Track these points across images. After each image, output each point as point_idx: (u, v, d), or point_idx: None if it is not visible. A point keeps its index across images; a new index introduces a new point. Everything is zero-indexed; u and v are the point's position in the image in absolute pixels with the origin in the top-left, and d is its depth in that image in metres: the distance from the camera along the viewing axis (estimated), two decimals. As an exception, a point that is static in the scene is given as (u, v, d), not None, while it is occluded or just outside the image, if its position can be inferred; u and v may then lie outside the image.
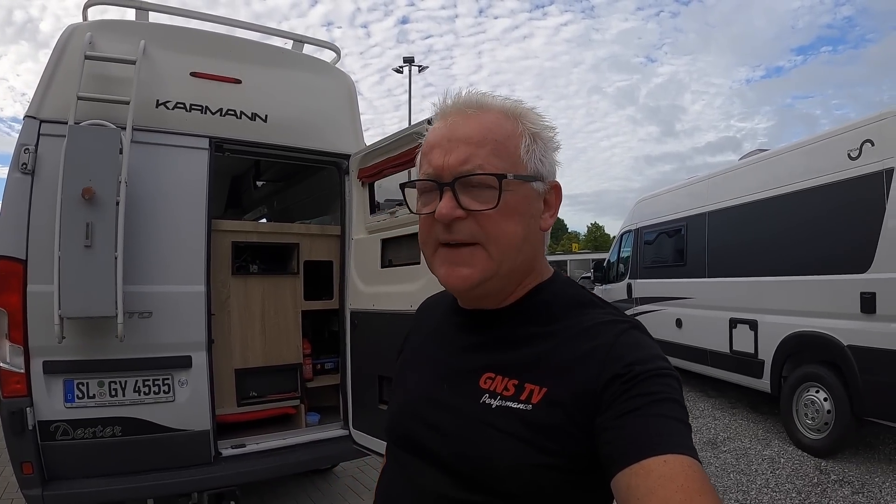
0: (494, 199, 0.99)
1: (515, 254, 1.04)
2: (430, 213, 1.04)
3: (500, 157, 1.01)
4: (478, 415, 1.00)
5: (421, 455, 1.07)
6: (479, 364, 1.07)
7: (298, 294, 4.47)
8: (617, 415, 0.87)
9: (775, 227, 6.48)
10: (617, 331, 0.99)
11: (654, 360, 0.94)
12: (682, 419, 0.89)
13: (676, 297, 8.51)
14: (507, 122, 1.05)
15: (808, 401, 5.96)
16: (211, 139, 3.76)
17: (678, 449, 0.82)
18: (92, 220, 3.16)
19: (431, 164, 1.04)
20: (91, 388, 3.37)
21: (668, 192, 9.65)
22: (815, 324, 5.83)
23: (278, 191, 6.65)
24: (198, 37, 3.87)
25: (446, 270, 1.05)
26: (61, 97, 3.31)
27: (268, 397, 4.26)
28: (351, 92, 4.45)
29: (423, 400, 1.12)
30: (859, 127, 5.51)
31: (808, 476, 5.33)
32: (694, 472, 0.79)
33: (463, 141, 1.02)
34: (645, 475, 0.79)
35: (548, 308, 1.09)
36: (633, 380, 0.90)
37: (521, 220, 1.04)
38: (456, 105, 1.07)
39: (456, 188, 1.01)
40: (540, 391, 0.96)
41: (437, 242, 1.05)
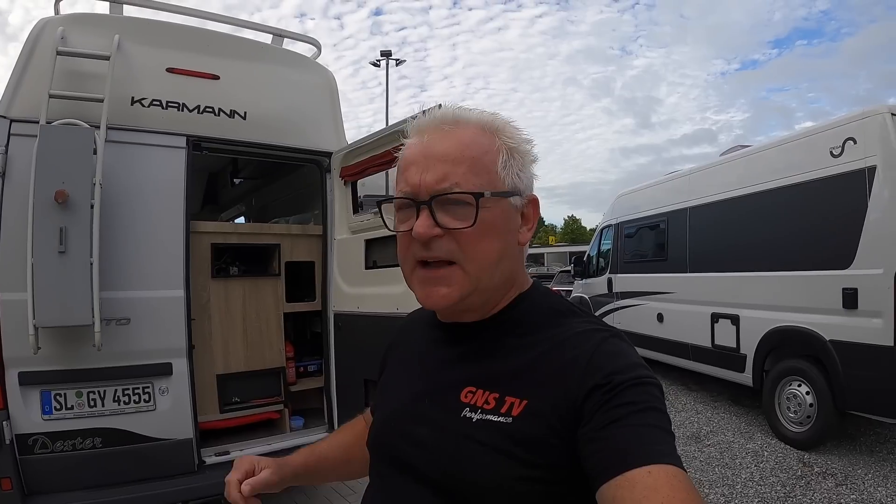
0: (471, 217, 0.99)
1: (493, 270, 1.04)
2: (408, 231, 1.03)
3: (477, 175, 1.01)
4: (459, 429, 0.99)
5: (404, 471, 1.06)
6: (459, 378, 1.06)
7: (280, 296, 4.37)
8: (599, 426, 0.87)
9: (758, 222, 6.50)
10: (596, 340, 0.98)
11: (634, 369, 0.93)
12: (665, 427, 0.88)
13: (658, 291, 8.51)
14: (484, 138, 1.04)
15: (790, 394, 5.98)
16: (188, 137, 3.64)
17: (662, 459, 0.81)
18: (66, 224, 3.03)
19: (408, 182, 1.03)
20: (69, 398, 3.25)
21: (650, 186, 9.64)
22: (797, 319, 5.85)
23: (257, 188, 6.53)
24: (174, 31, 3.74)
25: (424, 291, 1.05)
26: (32, 95, 3.17)
27: (251, 402, 4.16)
28: (332, 88, 4.34)
29: (406, 415, 1.12)
30: (842, 125, 5.53)
31: (792, 469, 5.37)
32: (679, 482, 0.79)
33: (439, 159, 1.01)
34: (630, 487, 0.78)
35: (527, 319, 1.09)
36: (613, 390, 0.89)
37: (498, 236, 1.04)
38: (432, 121, 1.06)
39: (433, 206, 1.00)
40: (520, 403, 0.96)
41: (415, 260, 1.05)
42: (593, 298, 10.77)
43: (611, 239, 10.39)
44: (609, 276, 10.22)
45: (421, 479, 1.02)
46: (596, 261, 11.09)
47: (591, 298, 10.93)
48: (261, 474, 1.22)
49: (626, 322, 9.24)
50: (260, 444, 3.92)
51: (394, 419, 1.15)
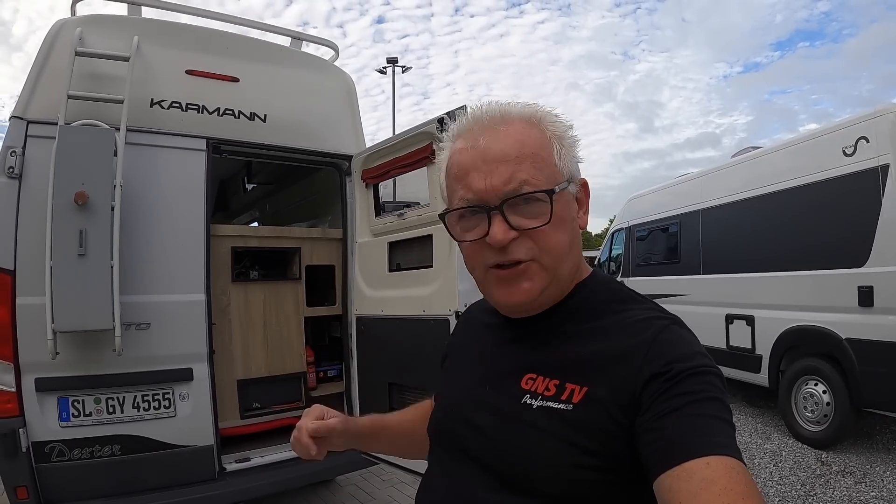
0: (546, 213, 0.98)
1: (567, 260, 1.04)
2: (477, 240, 1.02)
3: (540, 170, 1.00)
4: (519, 415, 0.99)
5: (463, 456, 1.06)
6: (520, 365, 1.06)
7: (301, 300, 4.31)
8: (658, 415, 0.85)
9: (771, 223, 6.49)
10: (657, 327, 0.97)
11: (694, 358, 0.91)
12: (725, 418, 0.86)
13: (671, 294, 8.45)
14: (534, 131, 1.03)
15: (806, 394, 5.99)
16: (208, 140, 3.59)
17: (721, 450, 0.79)
18: (85, 226, 2.98)
19: (472, 189, 1.00)
20: (87, 405, 3.18)
21: (661, 189, 9.65)
22: (812, 318, 5.86)
23: (270, 194, 6.47)
24: (193, 33, 3.69)
25: (506, 289, 1.03)
26: (50, 96, 3.11)
27: (271, 408, 4.09)
28: (351, 91, 4.29)
29: (467, 401, 1.12)
30: (854, 124, 5.55)
31: (811, 468, 5.36)
32: (738, 475, 0.77)
33: (500, 160, 0.99)
34: (687, 478, 0.77)
35: (587, 306, 1.07)
36: (673, 378, 0.88)
37: (567, 226, 1.04)
38: (478, 121, 1.04)
39: (504, 209, 0.98)
40: (581, 390, 0.95)
41: (487, 265, 1.03)
42: None
43: (622, 243, 10.38)
44: (620, 279, 10.15)
45: (480, 464, 1.02)
46: (607, 265, 11.06)
47: None
48: (329, 420, 1.25)
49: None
50: (281, 451, 3.83)
51: (454, 406, 1.15)
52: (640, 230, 9.77)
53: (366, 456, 3.77)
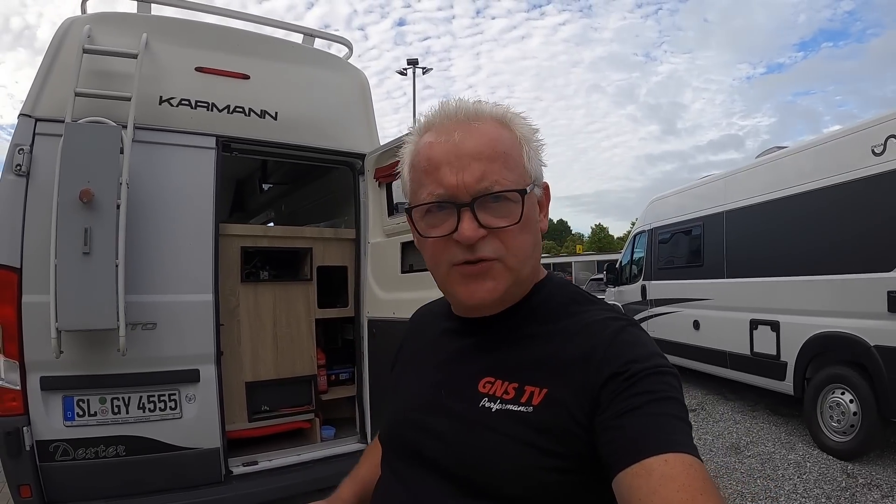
0: (516, 214, 0.99)
1: (529, 261, 1.05)
2: (442, 237, 1.01)
3: (511, 170, 1.01)
4: (478, 419, 0.99)
5: (420, 464, 1.05)
6: (477, 368, 1.06)
7: (312, 302, 4.24)
8: (616, 414, 0.87)
9: (797, 225, 6.33)
10: (614, 328, 0.98)
11: (652, 358, 0.93)
12: (683, 417, 0.88)
13: (694, 298, 8.35)
14: (505, 131, 1.04)
15: (832, 403, 5.82)
16: (218, 138, 3.54)
17: (679, 448, 0.81)
18: (90, 224, 2.93)
19: (443, 184, 1.00)
20: (92, 405, 3.15)
21: (684, 191, 9.52)
22: (839, 324, 5.69)
23: (285, 194, 6.44)
24: (203, 30, 3.65)
25: (469, 287, 1.02)
26: (58, 94, 3.09)
27: (280, 411, 4.03)
28: (364, 88, 4.23)
29: (421, 407, 1.11)
30: (883, 122, 5.38)
31: (836, 480, 5.20)
32: (695, 471, 0.79)
33: (473, 156, 0.99)
34: (646, 475, 0.79)
35: (544, 308, 1.09)
36: (630, 378, 0.89)
37: (531, 228, 1.05)
38: (451, 116, 1.04)
39: (475, 207, 0.98)
40: (540, 392, 0.96)
41: (452, 263, 1.02)
42: (626, 306, 10.62)
43: (644, 245, 10.26)
44: (643, 283, 10.07)
45: (438, 470, 1.01)
46: (629, 268, 10.97)
47: (624, 306, 10.77)
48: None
49: (660, 330, 9.08)
50: (289, 455, 3.80)
51: (409, 412, 1.14)
52: (663, 233, 9.65)
53: None
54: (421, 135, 1.07)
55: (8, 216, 3.02)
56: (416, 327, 1.38)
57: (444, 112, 1.05)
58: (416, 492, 1.04)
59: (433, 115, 1.06)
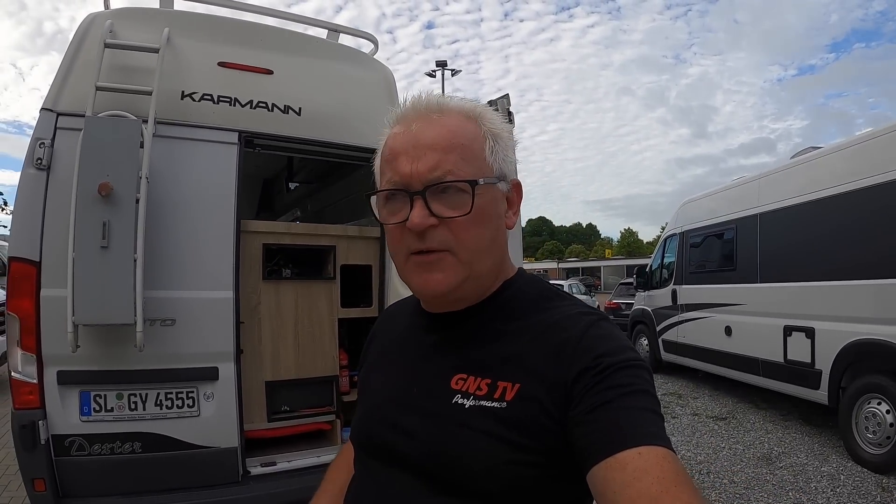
0: (467, 205, 1.00)
1: (485, 256, 1.05)
2: (399, 223, 1.03)
3: (468, 162, 1.02)
4: (451, 416, 1.00)
5: (392, 461, 1.06)
6: (449, 365, 1.07)
7: (335, 301, 4.18)
8: (589, 408, 0.88)
9: (833, 228, 6.15)
10: (585, 323, 1.00)
11: (623, 352, 0.94)
12: (655, 410, 0.89)
13: (726, 303, 8.18)
14: (469, 124, 1.06)
15: (868, 413, 5.65)
16: (240, 133, 3.51)
17: (652, 440, 0.82)
18: (109, 218, 2.92)
19: (398, 172, 1.03)
20: (109, 400, 3.13)
21: (716, 193, 9.35)
22: (877, 331, 5.51)
23: (312, 192, 6.41)
24: (226, 25, 3.63)
25: (421, 277, 1.04)
26: (80, 88, 3.09)
27: (301, 412, 3.97)
28: (390, 84, 4.17)
29: (393, 404, 1.11)
30: None
31: (871, 494, 5.05)
32: (669, 463, 0.80)
33: (430, 147, 1.01)
34: (620, 468, 0.80)
35: (514, 304, 1.10)
36: (602, 372, 0.90)
37: (489, 222, 1.05)
38: (417, 109, 1.07)
39: (427, 196, 1.00)
40: (513, 388, 0.97)
41: (409, 251, 1.04)
42: (656, 311, 10.45)
43: (675, 249, 10.08)
44: (673, 287, 9.88)
45: (411, 468, 1.02)
46: (659, 272, 10.77)
47: (653, 311, 10.61)
48: None
49: (691, 336, 8.93)
50: (309, 456, 3.74)
51: (380, 410, 1.15)
52: (694, 236, 9.48)
53: None
54: (391, 126, 1.09)
55: (28, 210, 3.03)
56: (386, 324, 1.39)
57: (412, 104, 1.08)
58: (389, 490, 1.05)
59: (402, 107, 1.09)
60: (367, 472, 1.13)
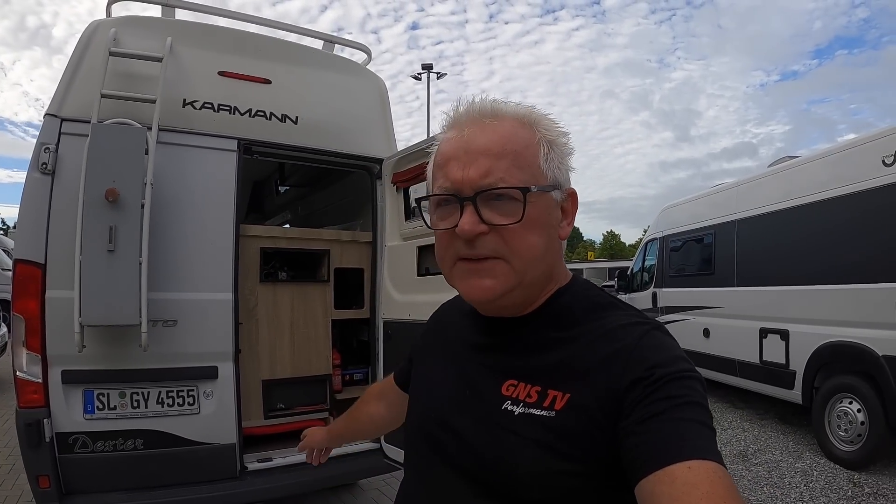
0: (518, 212, 0.97)
1: (537, 265, 1.03)
2: (449, 229, 1.01)
3: (521, 169, 0.99)
4: (500, 422, 0.99)
5: (442, 463, 1.06)
6: (500, 371, 1.05)
7: (329, 303, 4.31)
8: (640, 419, 0.86)
9: (807, 235, 6.33)
10: (639, 333, 0.97)
11: (676, 363, 0.92)
12: (707, 423, 0.86)
13: (704, 306, 8.35)
14: (524, 131, 1.03)
15: (841, 412, 5.82)
16: (239, 141, 3.61)
17: (703, 454, 0.80)
18: (115, 223, 3.02)
19: (449, 178, 1.01)
20: (112, 399, 3.22)
21: (696, 199, 9.51)
22: (849, 333, 5.68)
23: (302, 196, 6.51)
24: (226, 35, 3.74)
25: (468, 283, 1.02)
26: (84, 95, 3.17)
27: (296, 409, 4.10)
28: (383, 94, 4.31)
29: (445, 407, 1.11)
30: (893, 133, 5.39)
31: (843, 489, 5.21)
32: (719, 479, 0.77)
33: (482, 152, 0.99)
34: (669, 482, 0.78)
35: (568, 312, 1.07)
36: (655, 383, 0.88)
37: (542, 231, 1.02)
38: (470, 114, 1.04)
39: (477, 202, 0.98)
40: (563, 397, 0.95)
41: (456, 257, 1.02)
42: None
43: (655, 253, 10.25)
44: (654, 290, 10.06)
45: (459, 469, 1.02)
46: (640, 275, 10.96)
47: None
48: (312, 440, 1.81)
49: (670, 337, 9.08)
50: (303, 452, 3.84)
51: (433, 409, 1.14)
52: (675, 240, 9.64)
53: (387, 461, 3.76)
54: (445, 131, 1.08)
55: (33, 213, 3.10)
56: (440, 323, 1.37)
57: (465, 109, 1.06)
58: (436, 490, 1.06)
59: (455, 112, 1.07)
60: (417, 470, 1.15)
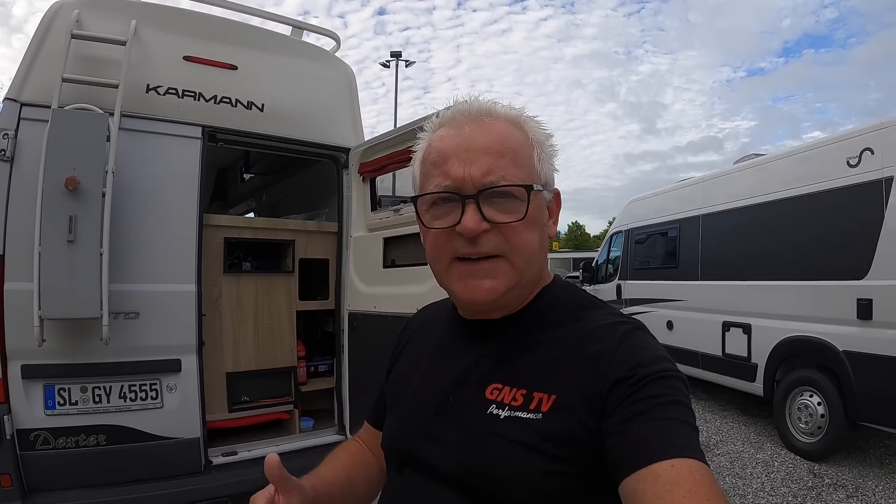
0: (521, 210, 0.98)
1: (534, 262, 1.04)
2: (447, 228, 1.01)
3: (519, 168, 1.01)
4: (486, 426, 0.98)
5: (426, 471, 1.04)
6: (484, 375, 1.05)
7: (293, 294, 4.25)
8: (623, 419, 0.87)
9: (771, 231, 6.47)
10: (621, 333, 0.98)
11: (658, 362, 0.93)
12: (689, 421, 0.88)
13: (668, 298, 8.49)
14: (517, 131, 1.04)
15: (801, 405, 5.97)
16: (204, 128, 3.52)
17: (685, 452, 0.81)
18: (76, 212, 2.91)
19: (449, 176, 1.00)
20: (73, 393, 3.12)
21: (661, 193, 9.64)
22: (810, 329, 5.84)
23: (267, 185, 6.41)
24: (192, 19, 3.63)
25: (467, 284, 1.01)
26: (45, 79, 3.05)
27: (260, 402, 4.03)
28: (351, 83, 4.23)
29: (427, 413, 1.09)
30: (859, 135, 5.53)
31: (803, 479, 5.35)
32: (702, 476, 0.78)
33: (483, 150, 0.99)
34: (652, 480, 0.78)
35: (550, 313, 1.08)
36: (638, 383, 0.89)
37: (537, 229, 1.04)
38: (467, 112, 1.04)
39: (480, 200, 0.98)
40: (549, 399, 0.95)
41: (453, 256, 1.01)
42: None
43: (621, 245, 10.37)
44: (618, 282, 10.20)
45: (444, 477, 1.00)
46: (605, 267, 11.09)
47: None
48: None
49: (634, 329, 9.20)
50: (268, 445, 3.79)
51: (414, 418, 1.12)
52: (640, 234, 9.77)
53: None
54: (435, 131, 1.07)
55: None
56: (421, 327, 1.36)
57: (458, 108, 1.05)
58: (418, 497, 1.04)
59: (448, 111, 1.07)
60: (402, 481, 1.11)
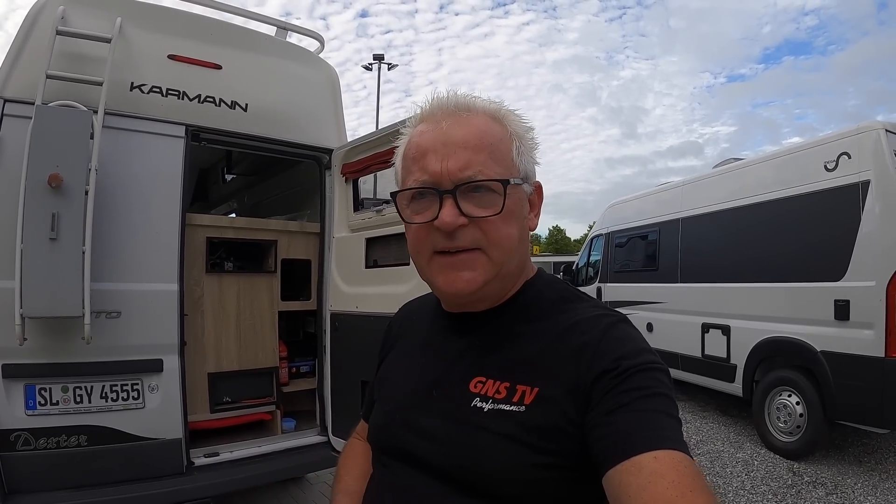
0: (498, 204, 0.99)
1: (513, 255, 1.05)
2: (426, 223, 1.02)
3: (497, 162, 1.01)
4: (470, 419, 0.98)
5: (411, 464, 1.04)
6: (468, 368, 1.05)
7: (275, 294, 4.24)
8: (606, 411, 0.87)
9: (750, 235, 6.52)
10: (604, 325, 0.99)
11: (642, 354, 0.94)
12: (672, 413, 0.88)
13: (648, 301, 8.52)
14: (496, 125, 1.04)
15: (780, 404, 6.01)
16: (187, 127, 3.52)
17: (668, 444, 0.81)
18: (58, 210, 2.89)
19: (427, 170, 1.01)
20: (54, 393, 3.09)
21: (642, 196, 9.67)
22: (788, 330, 5.88)
23: (249, 185, 6.38)
24: (177, 17, 3.61)
25: (448, 276, 1.02)
26: (29, 75, 3.03)
27: (242, 402, 4.02)
28: (335, 84, 4.24)
29: (412, 407, 1.09)
30: (836, 140, 5.58)
31: (782, 478, 5.39)
32: (685, 468, 0.79)
33: (460, 145, 1.00)
34: (636, 472, 0.79)
35: (534, 306, 1.09)
36: (621, 375, 0.90)
37: (516, 222, 1.04)
38: (445, 107, 1.05)
39: (457, 195, 0.99)
40: (532, 391, 0.95)
41: (433, 250, 1.03)
42: None
43: (601, 248, 10.40)
44: (598, 285, 10.22)
45: (429, 470, 1.00)
46: (585, 270, 11.12)
47: None
48: None
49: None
50: (250, 446, 3.79)
51: (399, 411, 1.12)
52: (620, 237, 9.81)
53: (335, 454, 3.73)
54: (415, 126, 1.08)
55: None
56: (405, 322, 1.36)
57: (438, 103, 1.06)
58: (410, 492, 1.03)
59: (427, 106, 1.07)
60: (388, 473, 1.11)
